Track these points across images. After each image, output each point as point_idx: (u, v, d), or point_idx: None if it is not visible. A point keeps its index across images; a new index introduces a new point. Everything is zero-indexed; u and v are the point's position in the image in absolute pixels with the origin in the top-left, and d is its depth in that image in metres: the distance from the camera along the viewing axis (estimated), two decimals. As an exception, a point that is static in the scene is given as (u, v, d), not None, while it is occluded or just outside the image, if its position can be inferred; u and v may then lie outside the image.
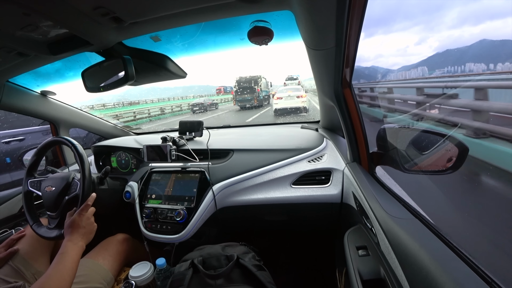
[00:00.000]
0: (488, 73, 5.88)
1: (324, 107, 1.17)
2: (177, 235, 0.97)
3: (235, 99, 12.04)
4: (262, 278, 0.70)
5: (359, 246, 0.67)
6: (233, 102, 12.25)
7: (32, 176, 0.99)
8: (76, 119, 1.44)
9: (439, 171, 0.67)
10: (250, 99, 11.70)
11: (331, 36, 0.59)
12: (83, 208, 0.80)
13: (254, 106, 11.69)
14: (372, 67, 54.49)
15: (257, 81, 11.83)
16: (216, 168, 1.06)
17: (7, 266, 0.85)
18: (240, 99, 11.81)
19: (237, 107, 12.15)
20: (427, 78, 8.67)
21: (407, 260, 0.47)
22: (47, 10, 0.55)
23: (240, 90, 11.77)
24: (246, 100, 11.72)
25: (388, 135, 0.81)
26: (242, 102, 11.75)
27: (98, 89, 0.83)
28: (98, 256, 0.94)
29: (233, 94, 12.25)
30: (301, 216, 1.11)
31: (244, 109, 11.84)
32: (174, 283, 0.71)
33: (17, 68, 0.91)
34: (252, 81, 11.73)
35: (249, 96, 11.70)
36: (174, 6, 0.60)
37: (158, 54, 0.88)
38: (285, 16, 0.67)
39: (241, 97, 11.77)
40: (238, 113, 11.40)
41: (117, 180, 1.18)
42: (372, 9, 61.97)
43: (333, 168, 0.99)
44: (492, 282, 0.37)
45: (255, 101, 11.65)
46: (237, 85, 11.78)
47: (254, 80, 11.75)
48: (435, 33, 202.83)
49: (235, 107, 12.26)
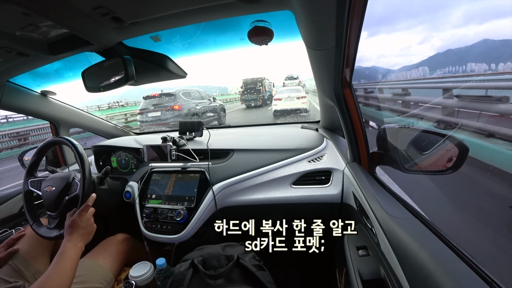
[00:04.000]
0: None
1: (324, 107, 1.17)
2: (177, 235, 0.97)
3: (242, 98, 13.22)
4: (262, 278, 0.70)
5: (359, 246, 0.67)
6: (240, 101, 13.48)
7: (32, 175, 0.99)
8: (76, 119, 1.44)
9: (439, 171, 0.67)
10: (256, 98, 12.81)
11: (331, 36, 0.59)
12: (83, 209, 0.80)
13: (259, 105, 12.82)
14: (372, 67, 54.20)
15: (262, 82, 12.93)
16: (216, 168, 1.06)
17: (7, 266, 0.85)
18: (247, 99, 12.93)
19: (243, 106, 13.40)
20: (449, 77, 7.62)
21: (407, 260, 0.47)
22: (47, 10, 0.55)
23: (246, 91, 12.97)
24: (252, 99, 12.84)
25: (388, 135, 0.81)
26: (248, 101, 12.92)
27: (98, 89, 0.83)
28: (98, 256, 0.94)
29: (240, 94, 13.58)
30: (301, 216, 1.11)
31: (250, 108, 12.96)
32: (174, 283, 0.71)
33: (17, 68, 0.91)
34: (257, 83, 12.86)
35: (255, 96, 12.84)
36: (174, 6, 0.60)
37: (158, 54, 0.88)
38: (285, 16, 0.67)
39: (248, 97, 12.88)
40: (245, 111, 12.54)
41: (117, 180, 1.18)
42: (376, 8, 60.80)
43: (333, 168, 0.99)
44: (492, 282, 0.37)
45: (260, 101, 12.78)
46: (244, 86, 12.96)
47: (259, 82, 12.89)
48: (440, 32, 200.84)
49: (242, 106, 13.53)
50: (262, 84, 12.87)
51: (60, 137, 0.97)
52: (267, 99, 13.09)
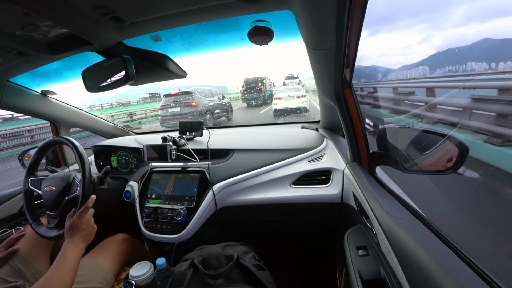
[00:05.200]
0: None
1: (324, 107, 1.17)
2: (177, 235, 0.97)
3: (244, 97, 13.45)
4: (262, 278, 0.70)
5: (359, 246, 0.67)
6: (242, 100, 13.70)
7: (33, 174, 0.99)
8: (77, 118, 1.44)
9: (439, 171, 0.67)
10: (257, 97, 13.13)
11: (331, 36, 0.58)
12: (82, 210, 0.79)
13: (260, 104, 13.14)
14: (372, 66, 53.93)
15: (263, 81, 13.14)
16: (216, 168, 1.06)
17: (7, 266, 0.85)
18: (248, 98, 13.25)
19: (244, 104, 13.69)
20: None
21: (407, 260, 0.47)
22: (47, 10, 0.55)
23: (248, 90, 13.23)
24: (254, 98, 13.18)
25: (388, 135, 0.81)
26: (249, 100, 13.26)
27: (98, 89, 0.83)
28: (98, 256, 0.94)
29: (242, 93, 13.74)
30: (301, 216, 1.11)
31: (251, 107, 13.32)
32: (174, 283, 0.71)
33: (17, 68, 0.91)
34: (258, 82, 13.08)
35: (256, 95, 13.14)
36: (174, 6, 0.60)
37: (158, 54, 0.88)
38: (285, 16, 0.67)
39: (249, 96, 13.20)
40: (247, 110, 12.81)
41: (117, 180, 1.18)
42: (377, 6, 59.89)
43: (333, 168, 0.99)
44: (492, 282, 0.37)
45: (261, 100, 13.08)
46: (245, 85, 13.18)
47: (260, 81, 13.09)
48: (441, 31, 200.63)
49: (243, 104, 13.84)
50: (263, 83, 13.09)
51: (60, 136, 0.97)
52: (268, 98, 13.29)
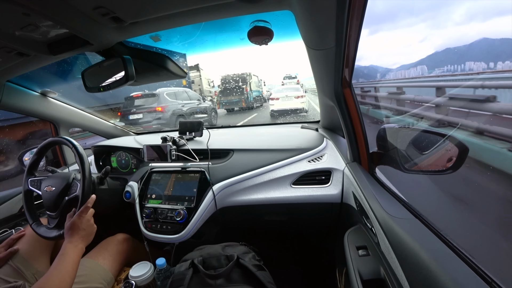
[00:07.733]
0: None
1: (324, 107, 1.17)
2: (177, 235, 0.97)
3: (219, 101, 9.78)
4: (262, 278, 0.70)
5: (359, 246, 0.67)
6: (217, 104, 9.50)
7: (33, 175, 0.99)
8: (76, 119, 1.44)
9: (439, 171, 0.67)
10: (237, 101, 9.65)
11: (331, 36, 0.59)
12: (82, 210, 0.79)
13: (242, 108, 9.74)
14: (371, 66, 54.02)
15: (246, 79, 9.79)
16: (216, 168, 1.06)
17: (7, 266, 0.85)
18: (225, 101, 9.74)
19: (223, 110, 10.08)
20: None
21: (407, 260, 0.47)
22: (47, 10, 0.55)
23: (224, 91, 9.72)
24: (232, 102, 9.69)
25: (388, 135, 0.81)
26: (227, 104, 9.77)
27: (98, 89, 0.83)
28: (98, 256, 0.94)
29: (217, 96, 10.00)
30: (301, 216, 1.11)
31: (231, 112, 9.94)
32: (174, 283, 0.71)
33: (17, 68, 0.91)
34: (239, 80, 9.70)
35: (236, 98, 9.63)
36: (174, 6, 0.60)
37: (158, 54, 0.88)
38: (285, 16, 0.67)
39: (226, 99, 9.71)
40: (226, 117, 9.47)
41: (117, 180, 1.18)
42: (377, 5, 59.81)
43: (333, 168, 0.99)
44: (492, 282, 0.37)
45: (242, 103, 9.64)
46: (222, 84, 9.85)
47: (242, 79, 9.75)
48: (442, 30, 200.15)
49: (222, 110, 9.96)
50: (246, 81, 9.73)
51: (60, 137, 0.97)
52: (255, 101, 10.21)
